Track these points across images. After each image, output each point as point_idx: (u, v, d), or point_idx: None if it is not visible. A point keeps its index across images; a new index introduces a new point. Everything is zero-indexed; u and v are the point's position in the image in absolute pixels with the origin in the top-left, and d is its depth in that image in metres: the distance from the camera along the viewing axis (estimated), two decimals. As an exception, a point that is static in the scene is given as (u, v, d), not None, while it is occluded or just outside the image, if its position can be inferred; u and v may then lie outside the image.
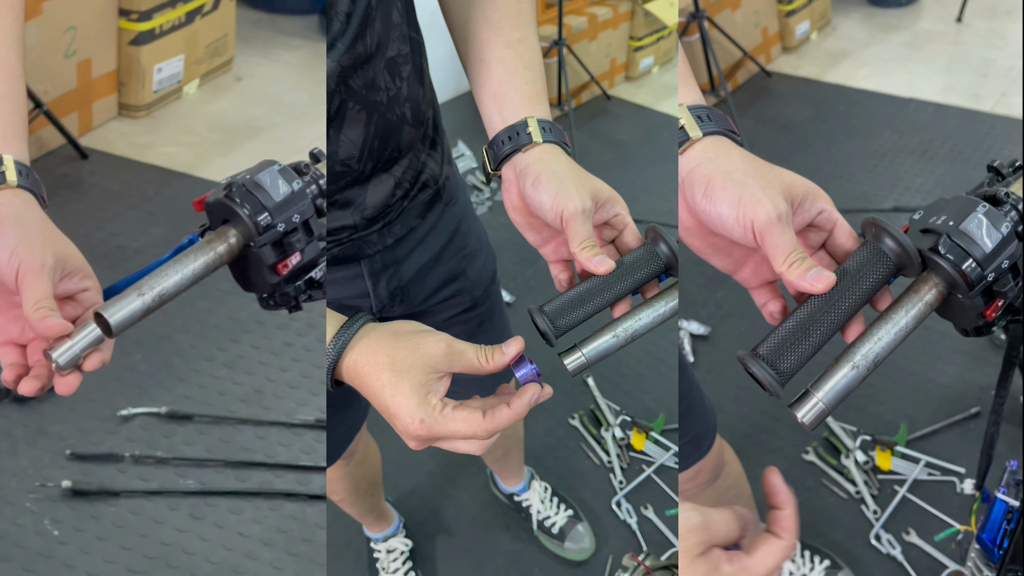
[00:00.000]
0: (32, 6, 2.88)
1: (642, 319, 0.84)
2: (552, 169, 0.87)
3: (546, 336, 0.83)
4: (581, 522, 2.03)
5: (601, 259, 0.82)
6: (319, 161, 0.85)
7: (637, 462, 2.20)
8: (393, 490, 2.10)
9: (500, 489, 2.09)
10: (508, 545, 2.03)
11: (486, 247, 1.32)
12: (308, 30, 4.01)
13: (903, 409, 2.20)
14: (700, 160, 0.75)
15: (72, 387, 0.77)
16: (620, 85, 4.13)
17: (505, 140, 0.92)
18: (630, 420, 2.27)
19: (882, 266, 0.72)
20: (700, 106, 0.79)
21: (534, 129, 0.91)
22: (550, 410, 2.31)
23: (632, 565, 1.02)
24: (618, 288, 0.84)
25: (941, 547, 1.89)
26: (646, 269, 0.85)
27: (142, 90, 3.30)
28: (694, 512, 0.71)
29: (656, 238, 0.86)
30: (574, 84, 3.84)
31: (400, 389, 0.76)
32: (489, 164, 0.94)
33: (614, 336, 0.83)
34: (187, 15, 3.37)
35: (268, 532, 1.94)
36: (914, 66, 3.90)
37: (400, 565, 1.93)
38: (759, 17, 3.85)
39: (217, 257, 0.80)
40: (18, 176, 0.80)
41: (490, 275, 1.32)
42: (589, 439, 2.25)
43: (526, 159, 0.89)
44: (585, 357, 0.83)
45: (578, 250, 0.83)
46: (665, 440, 2.23)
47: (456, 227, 1.22)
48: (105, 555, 1.88)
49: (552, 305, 0.84)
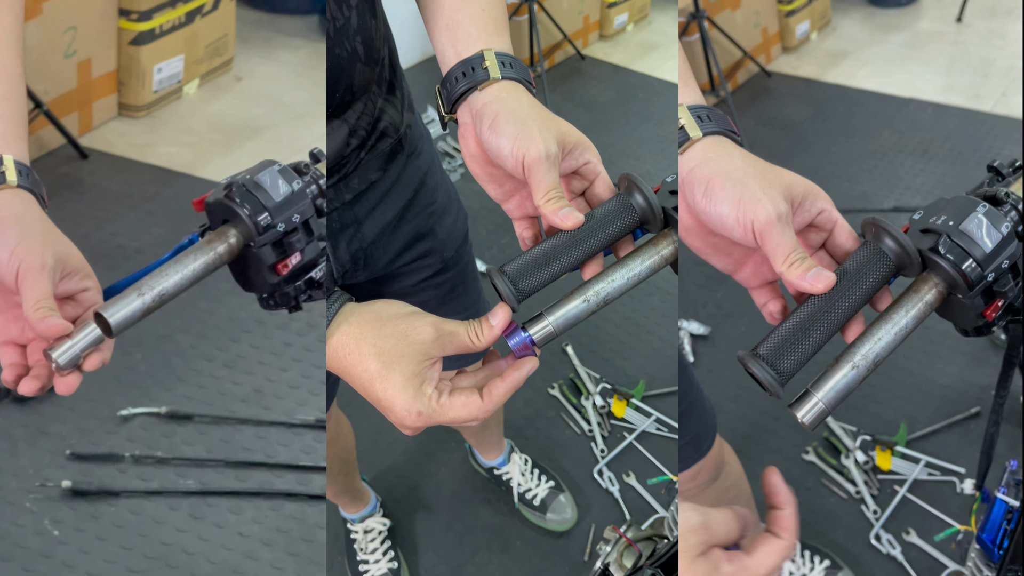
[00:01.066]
0: (32, 6, 2.88)
1: (615, 280, 0.75)
2: (512, 109, 0.77)
3: (507, 301, 0.74)
4: (563, 493, 2.02)
5: (568, 212, 0.73)
6: (319, 161, 0.85)
7: (619, 430, 2.20)
8: (369, 469, 2.09)
9: (480, 463, 2.06)
10: (489, 519, 2.02)
11: (456, 204, 1.21)
12: (308, 30, 4.00)
13: (903, 409, 2.20)
14: (700, 160, 0.75)
15: (72, 387, 0.77)
16: (594, 44, 4.06)
17: (459, 77, 0.81)
18: (610, 388, 2.27)
19: (882, 266, 0.72)
20: (700, 106, 0.79)
21: (491, 63, 0.80)
22: (529, 381, 2.30)
23: (614, 537, 1.01)
24: (588, 245, 0.75)
25: (941, 547, 1.89)
26: (619, 223, 0.76)
27: (142, 90, 3.30)
28: (694, 512, 0.71)
29: (631, 187, 0.77)
30: (546, 44, 3.73)
31: (391, 382, 0.72)
32: (443, 106, 0.83)
33: (584, 301, 0.74)
34: (187, 15, 3.37)
35: (268, 532, 1.94)
36: (914, 66, 3.90)
37: (378, 545, 1.91)
38: (759, 17, 3.85)
39: (217, 257, 0.80)
40: (18, 176, 0.80)
41: (461, 235, 1.22)
42: (569, 408, 2.25)
43: (483, 98, 0.79)
44: (552, 326, 0.74)
45: (542, 202, 0.74)
46: (646, 407, 2.24)
47: (421, 181, 1.11)
48: (105, 555, 1.88)
49: (514, 265, 0.74)
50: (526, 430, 2.19)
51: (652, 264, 0.76)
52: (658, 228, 0.77)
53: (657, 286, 2.64)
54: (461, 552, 1.96)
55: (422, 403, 0.72)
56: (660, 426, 2.21)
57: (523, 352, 0.75)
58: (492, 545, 1.98)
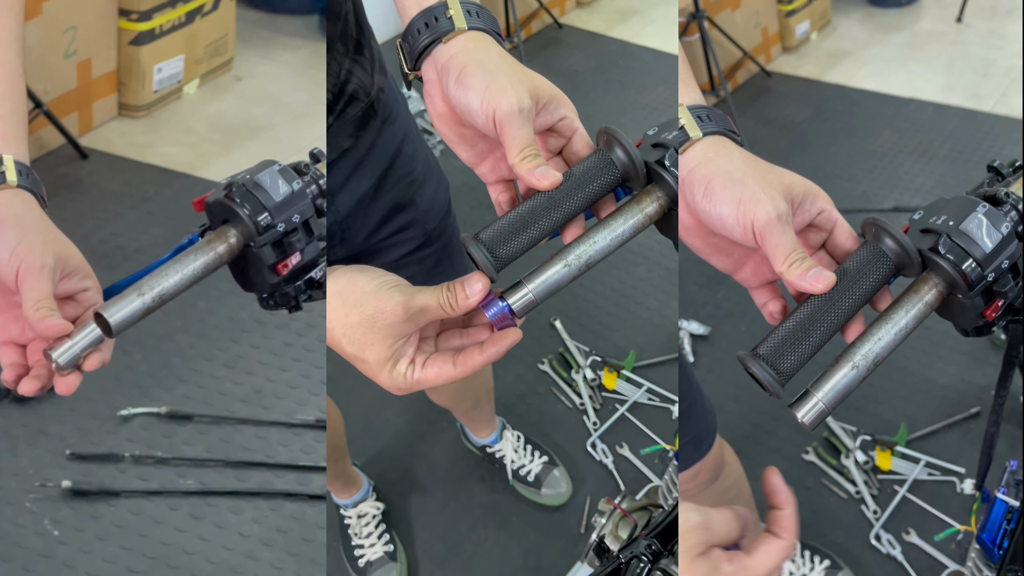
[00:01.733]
0: (32, 6, 2.88)
1: (597, 243, 0.70)
2: (480, 60, 0.71)
3: (485, 271, 0.69)
4: (556, 467, 2.01)
5: (545, 171, 0.69)
6: (319, 161, 0.85)
7: (610, 402, 2.21)
8: (360, 453, 2.09)
9: (472, 442, 2.06)
10: (484, 497, 2.03)
11: (437, 173, 1.15)
12: (308, 30, 4.00)
13: (903, 409, 2.20)
14: (700, 160, 0.75)
15: (72, 387, 0.77)
16: (572, 12, 4.01)
17: (421, 28, 0.74)
18: (600, 360, 2.27)
19: (882, 266, 0.72)
20: (700, 106, 0.79)
21: (456, 12, 0.74)
22: (518, 356, 2.31)
23: (608, 509, 1.01)
24: (567, 206, 0.70)
25: (941, 547, 1.89)
26: (599, 181, 0.71)
27: (142, 90, 3.30)
28: (694, 512, 0.71)
29: (611, 142, 0.72)
30: (522, 13, 3.64)
31: (367, 366, 0.71)
32: (405, 62, 0.77)
33: (565, 265, 0.70)
34: (187, 15, 3.37)
35: (268, 532, 1.94)
36: (914, 66, 3.89)
37: (373, 529, 1.90)
38: (759, 17, 3.85)
39: (217, 257, 0.80)
40: (18, 176, 0.80)
41: (443, 206, 1.15)
42: (560, 383, 2.25)
43: (448, 51, 0.73)
44: (533, 294, 0.69)
45: (517, 160, 0.69)
46: (637, 377, 2.24)
47: (398, 149, 1.05)
48: (105, 555, 1.88)
49: (489, 232, 0.69)
50: (517, 406, 2.19)
51: (636, 223, 0.72)
52: (641, 185, 0.74)
53: (644, 256, 2.64)
54: (457, 531, 1.97)
55: (398, 381, 0.71)
56: (652, 396, 2.22)
57: (503, 323, 0.71)
58: (488, 523, 1.98)
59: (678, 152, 0.75)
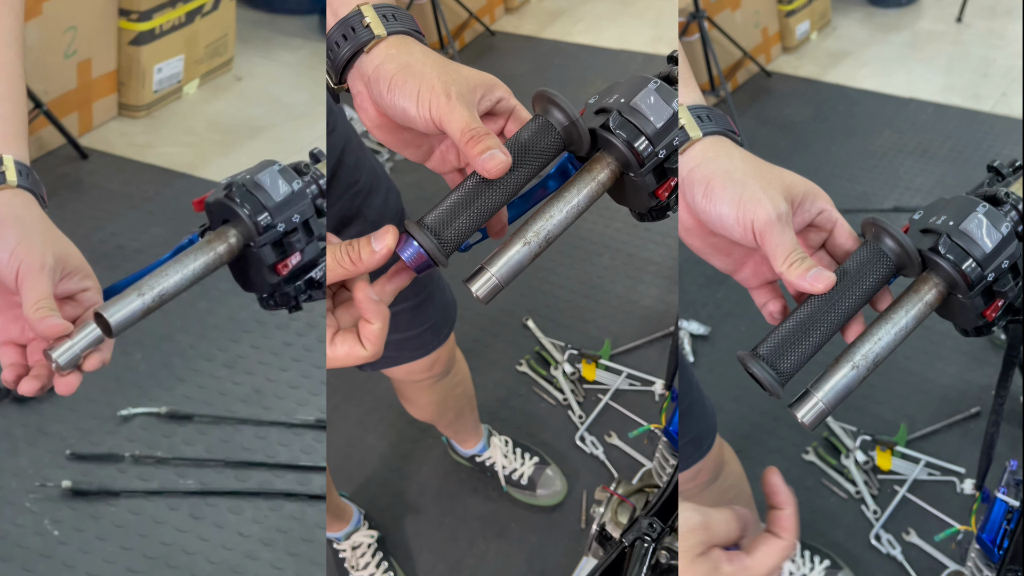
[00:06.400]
0: (32, 6, 2.88)
1: (554, 216, 0.70)
2: (405, 64, 0.70)
3: (432, 255, 0.68)
4: (549, 466, 2.01)
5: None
6: (319, 161, 0.85)
7: (592, 393, 2.22)
8: (347, 483, 2.08)
9: (460, 454, 2.04)
10: (479, 508, 2.02)
11: (385, 182, 1.12)
12: (308, 30, 4.00)
13: (903, 409, 2.20)
14: (700, 160, 0.75)
15: (72, 387, 0.77)
16: (502, 18, 4.04)
17: (340, 41, 0.72)
18: (577, 353, 2.29)
19: (882, 266, 0.72)
20: (700, 106, 0.79)
21: (373, 19, 0.72)
22: (496, 361, 2.32)
23: (605, 497, 1.01)
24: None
25: (941, 547, 1.89)
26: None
27: (142, 90, 3.30)
28: (694, 512, 0.71)
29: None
30: (453, 25, 3.67)
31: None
32: (331, 77, 0.75)
33: (525, 244, 0.69)
34: (187, 15, 3.37)
35: (268, 532, 1.94)
36: (914, 66, 3.89)
37: (370, 559, 1.86)
38: (759, 17, 3.85)
39: (217, 257, 0.80)
40: (18, 176, 0.80)
41: (395, 214, 1.13)
42: (540, 381, 2.25)
43: (372, 61, 0.71)
44: (496, 277, 0.69)
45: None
46: (615, 365, 2.26)
47: (338, 160, 1.02)
48: (105, 555, 1.88)
49: (433, 216, 0.69)
50: (501, 411, 2.19)
51: (590, 192, 0.72)
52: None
53: (606, 245, 2.67)
54: (457, 547, 1.96)
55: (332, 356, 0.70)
56: (632, 381, 2.24)
57: (419, 263, 0.69)
58: (487, 533, 1.97)
59: (678, 152, 0.75)
